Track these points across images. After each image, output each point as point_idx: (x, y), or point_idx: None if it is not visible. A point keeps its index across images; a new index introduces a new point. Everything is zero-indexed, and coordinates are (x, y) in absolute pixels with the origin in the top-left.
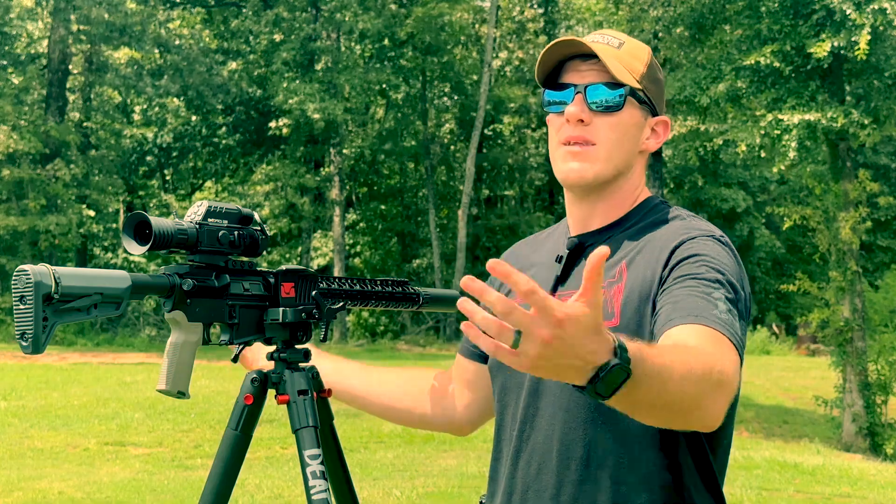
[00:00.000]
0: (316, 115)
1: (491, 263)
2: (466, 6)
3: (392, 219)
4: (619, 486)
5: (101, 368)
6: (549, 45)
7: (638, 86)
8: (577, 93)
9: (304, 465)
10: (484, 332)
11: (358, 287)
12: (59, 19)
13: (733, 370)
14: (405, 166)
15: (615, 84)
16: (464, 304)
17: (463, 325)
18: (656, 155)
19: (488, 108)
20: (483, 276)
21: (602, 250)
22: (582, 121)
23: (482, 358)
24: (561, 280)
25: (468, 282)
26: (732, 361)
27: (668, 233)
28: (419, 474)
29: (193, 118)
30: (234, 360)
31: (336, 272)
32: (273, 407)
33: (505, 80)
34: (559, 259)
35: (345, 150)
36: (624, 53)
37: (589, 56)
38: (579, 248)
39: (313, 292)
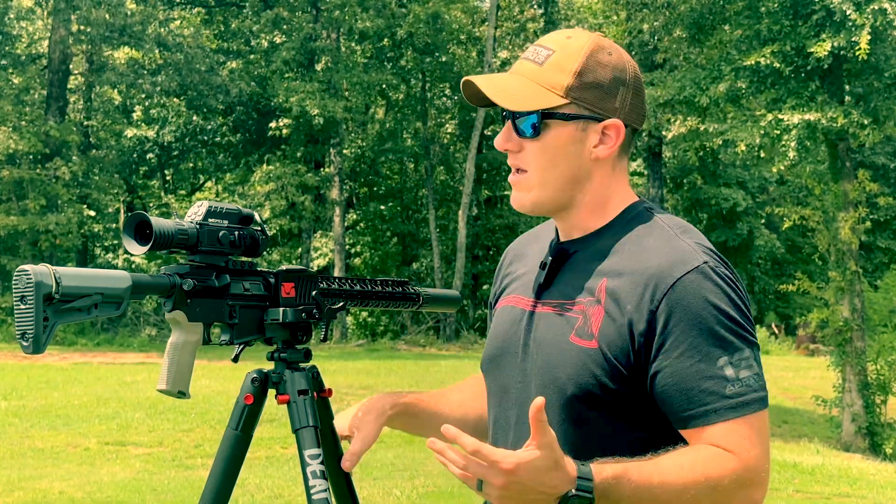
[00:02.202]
0: (315, 111)
1: (430, 444)
2: (464, 5)
3: (392, 219)
4: None
5: (102, 368)
6: (461, 85)
7: (562, 101)
8: (507, 119)
9: (304, 465)
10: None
11: (358, 287)
12: (60, 19)
13: (755, 458)
14: (405, 166)
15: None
16: (433, 444)
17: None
18: (656, 155)
19: (488, 109)
20: (481, 275)
21: (539, 402)
22: (508, 149)
23: None
24: (545, 287)
25: (432, 444)
26: (751, 449)
27: (654, 258)
28: (419, 474)
29: (194, 118)
30: (235, 360)
31: (336, 272)
32: (273, 407)
33: None
34: (543, 266)
35: (345, 150)
36: (547, 69)
37: None
38: (563, 255)
39: (313, 292)
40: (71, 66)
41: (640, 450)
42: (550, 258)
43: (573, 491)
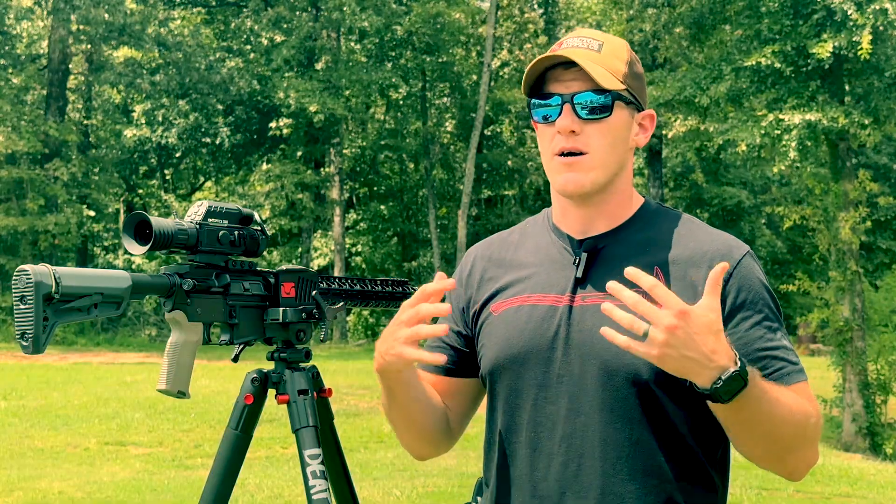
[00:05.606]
0: (314, 108)
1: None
2: (466, 9)
3: (392, 219)
4: (664, 483)
5: (102, 368)
6: (534, 61)
7: (622, 86)
8: (565, 103)
9: (304, 465)
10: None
11: (358, 287)
12: (59, 19)
13: (820, 416)
14: (405, 166)
15: (601, 90)
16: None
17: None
18: (656, 154)
19: (487, 110)
20: None
21: (723, 265)
22: (573, 131)
23: (446, 371)
24: (580, 282)
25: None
26: (817, 407)
27: (705, 244)
28: (419, 474)
29: (194, 116)
30: (235, 360)
31: (336, 272)
32: (273, 407)
33: (505, 80)
34: (577, 262)
35: (345, 150)
36: (605, 56)
37: (572, 63)
38: (594, 251)
39: (313, 292)
40: (70, 66)
41: (707, 426)
42: (585, 253)
43: (734, 368)
